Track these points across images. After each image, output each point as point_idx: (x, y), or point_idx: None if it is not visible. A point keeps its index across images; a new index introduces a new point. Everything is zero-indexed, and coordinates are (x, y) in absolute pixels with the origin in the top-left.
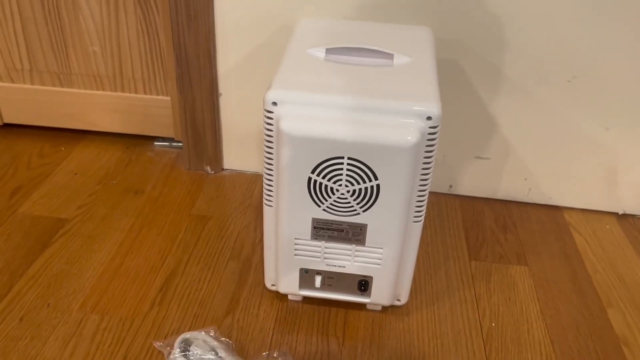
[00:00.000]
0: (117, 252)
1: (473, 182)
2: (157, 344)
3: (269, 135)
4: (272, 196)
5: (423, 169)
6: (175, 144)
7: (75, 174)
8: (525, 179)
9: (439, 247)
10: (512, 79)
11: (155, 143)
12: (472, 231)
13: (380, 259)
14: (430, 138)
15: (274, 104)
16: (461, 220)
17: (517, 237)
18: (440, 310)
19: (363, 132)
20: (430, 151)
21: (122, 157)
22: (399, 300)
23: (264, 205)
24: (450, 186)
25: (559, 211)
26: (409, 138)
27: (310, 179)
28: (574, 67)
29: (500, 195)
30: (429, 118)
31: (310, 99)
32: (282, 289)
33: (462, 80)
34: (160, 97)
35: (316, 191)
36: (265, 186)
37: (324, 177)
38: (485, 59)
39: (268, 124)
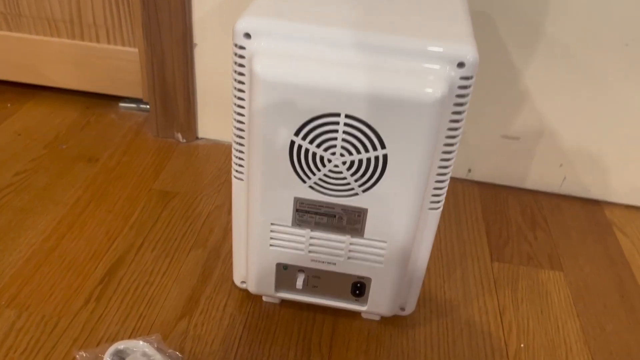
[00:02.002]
0: (54, 231)
1: (497, 167)
2: (80, 355)
3: (240, 82)
4: (242, 166)
5: (449, 136)
6: (144, 106)
7: (19, 135)
8: (561, 166)
9: (454, 243)
10: (554, 38)
11: (121, 104)
12: (494, 225)
13: (382, 256)
14: (460, 94)
15: (247, 36)
16: (481, 212)
17: (549, 235)
18: (455, 323)
19: (368, 81)
20: (460, 112)
21: (79, 118)
22: (402, 309)
23: (233, 178)
24: (469, 170)
25: (599, 206)
26: (432, 91)
27: (293, 143)
28: (634, 28)
29: (529, 184)
30: (460, 65)
31: (296, 31)
32: (253, 289)
33: (492, 38)
34: (126, 48)
35: (300, 161)
36: (234, 152)
37: (311, 142)
38: (523, 13)
39: (238, 64)
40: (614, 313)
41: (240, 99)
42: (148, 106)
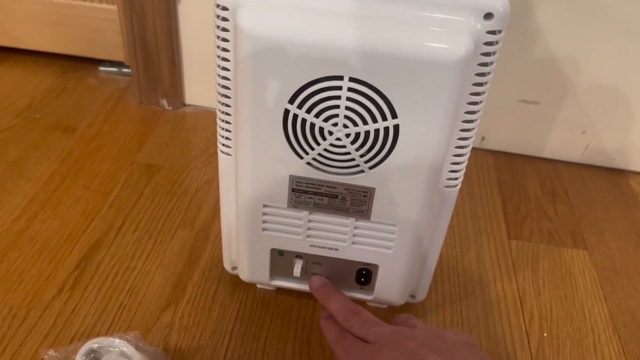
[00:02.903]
0: (24, 210)
1: (513, 134)
2: (49, 354)
3: (223, 40)
4: (230, 139)
5: (471, 102)
6: (126, 69)
7: None
8: (584, 133)
9: (467, 219)
10: None
11: (101, 68)
12: (510, 199)
13: (392, 241)
14: (487, 51)
15: None
16: (496, 184)
17: (571, 209)
18: (470, 311)
19: (376, 36)
20: (485, 73)
21: (55, 83)
22: (413, 297)
23: (219, 153)
24: (483, 138)
25: (624, 176)
26: (454, 47)
27: (287, 113)
28: None
29: (548, 153)
30: (488, 16)
31: None
32: (246, 277)
33: None
34: (104, 5)
35: (296, 134)
36: (219, 123)
37: (308, 111)
38: None
39: (221, 18)
40: None
41: (224, 59)
42: (130, 70)
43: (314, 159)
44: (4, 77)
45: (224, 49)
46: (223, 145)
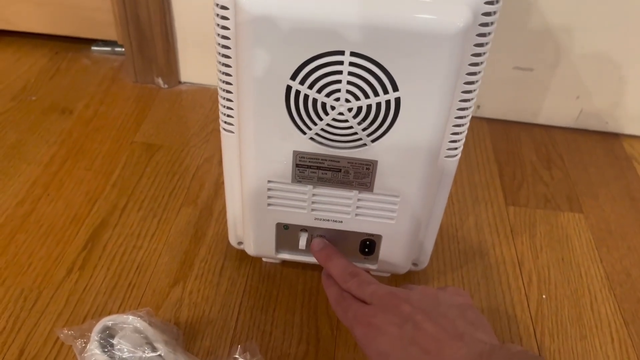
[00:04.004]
0: (28, 194)
1: (508, 102)
2: (64, 333)
3: (223, 17)
4: (232, 117)
5: (470, 72)
6: (119, 49)
7: None
8: (578, 97)
9: (464, 187)
10: None
11: (93, 48)
12: (506, 166)
13: (394, 212)
14: (485, 21)
15: None
16: (492, 151)
17: (566, 173)
18: (471, 276)
19: (377, 10)
20: (483, 43)
21: (48, 65)
22: (415, 265)
23: (222, 131)
24: (478, 106)
25: (617, 140)
26: (454, 19)
27: (289, 89)
28: None
29: (542, 119)
30: None
31: None
32: (252, 251)
33: None
34: None
35: (299, 109)
36: (221, 101)
37: (310, 87)
38: None
39: None
40: (639, 256)
41: (224, 37)
42: (123, 49)
43: (316, 134)
44: None
45: (224, 27)
46: (225, 123)
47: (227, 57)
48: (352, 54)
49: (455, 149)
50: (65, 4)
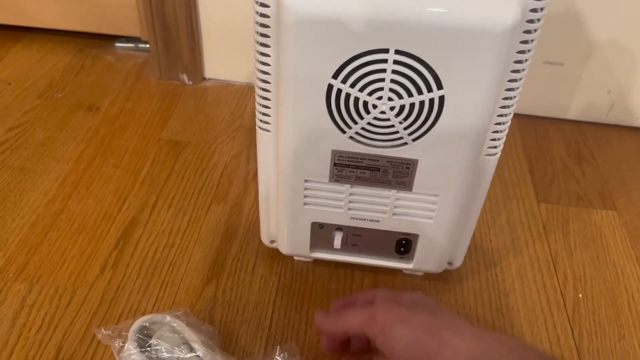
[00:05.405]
0: (58, 191)
1: (537, 97)
2: (102, 333)
3: (263, 15)
4: (269, 115)
5: (514, 70)
6: (143, 45)
7: (9, 84)
8: (609, 92)
9: (495, 184)
10: None
11: (117, 44)
12: (537, 162)
13: (433, 211)
14: (532, 18)
15: None
16: (522, 148)
17: (598, 170)
18: (505, 275)
19: (423, 7)
20: (530, 40)
21: (73, 62)
22: (450, 264)
23: (258, 129)
24: None
25: None
26: (503, 16)
27: (330, 88)
28: None
29: (572, 114)
30: None
31: None
32: (286, 250)
33: None
34: None
35: (340, 108)
36: (258, 100)
37: (353, 85)
38: None
39: None
40: None
41: (263, 35)
42: (147, 45)
43: (356, 132)
44: (20, 57)
45: (263, 25)
46: (262, 121)
47: (266, 55)
48: (397, 51)
49: (496, 147)
50: (89, 1)
